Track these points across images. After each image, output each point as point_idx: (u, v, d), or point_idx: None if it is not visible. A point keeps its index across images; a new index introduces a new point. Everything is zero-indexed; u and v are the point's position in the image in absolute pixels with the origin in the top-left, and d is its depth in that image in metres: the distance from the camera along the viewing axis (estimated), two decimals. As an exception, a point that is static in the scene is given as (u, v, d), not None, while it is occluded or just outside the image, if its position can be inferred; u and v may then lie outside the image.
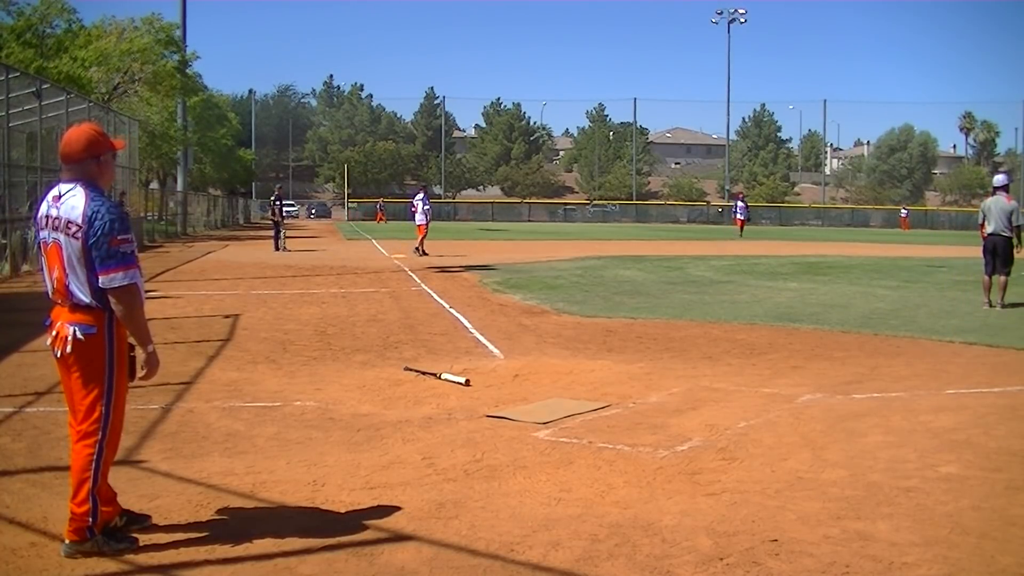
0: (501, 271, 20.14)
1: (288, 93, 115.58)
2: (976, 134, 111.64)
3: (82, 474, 4.04)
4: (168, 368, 8.60)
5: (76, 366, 4.07)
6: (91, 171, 4.14)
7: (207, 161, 52.53)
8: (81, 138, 4.16)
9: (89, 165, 4.13)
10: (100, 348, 4.07)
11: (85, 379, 4.07)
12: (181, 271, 20.71)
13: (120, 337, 4.14)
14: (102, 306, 4.06)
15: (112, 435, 4.12)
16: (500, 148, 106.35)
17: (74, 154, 4.12)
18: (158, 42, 33.54)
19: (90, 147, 4.14)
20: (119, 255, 4.03)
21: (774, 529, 4.44)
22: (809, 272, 20.78)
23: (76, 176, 4.13)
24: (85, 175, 4.12)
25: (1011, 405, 7.13)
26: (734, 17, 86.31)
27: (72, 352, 4.05)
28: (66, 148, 4.15)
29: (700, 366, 8.90)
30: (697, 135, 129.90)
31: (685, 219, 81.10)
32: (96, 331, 4.06)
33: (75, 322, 4.06)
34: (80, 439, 4.07)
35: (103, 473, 4.10)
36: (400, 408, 7.11)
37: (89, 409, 4.07)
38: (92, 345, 4.06)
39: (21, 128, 20.74)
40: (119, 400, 4.15)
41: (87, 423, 4.07)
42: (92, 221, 4.01)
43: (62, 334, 4.06)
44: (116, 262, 4.03)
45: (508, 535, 4.37)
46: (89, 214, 4.02)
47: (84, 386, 4.07)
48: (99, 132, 4.25)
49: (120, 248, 4.04)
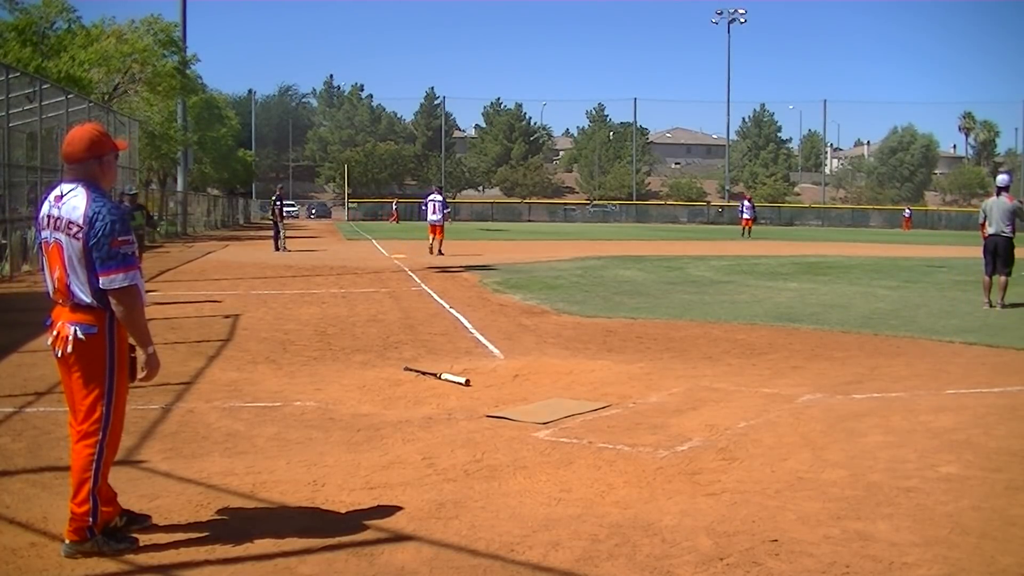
0: (501, 271, 20.14)
1: (288, 93, 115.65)
2: (976, 134, 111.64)
3: (82, 474, 4.04)
4: (168, 368, 8.59)
5: (77, 366, 4.07)
6: (93, 171, 4.14)
7: (207, 161, 52.50)
8: (84, 138, 4.16)
9: (91, 165, 4.14)
10: (101, 348, 4.08)
11: (86, 379, 4.07)
12: (181, 271, 20.72)
13: (121, 337, 4.14)
14: (103, 306, 4.06)
15: (112, 435, 4.13)
16: (500, 148, 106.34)
17: (76, 154, 4.12)
18: (158, 43, 33.55)
19: (92, 147, 4.14)
20: (120, 256, 4.04)
21: (774, 529, 4.44)
22: (809, 272, 20.78)
23: (78, 176, 4.13)
24: (87, 175, 4.13)
25: (1011, 405, 7.13)
26: (734, 17, 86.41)
27: (73, 352, 4.05)
28: (68, 148, 4.15)
29: (700, 366, 8.90)
30: (697, 135, 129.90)
31: (685, 219, 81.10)
32: (97, 331, 4.06)
33: (76, 322, 4.06)
34: (80, 439, 4.07)
35: (103, 473, 4.10)
36: (400, 408, 7.12)
37: (90, 409, 4.07)
38: (93, 345, 4.06)
39: (21, 128, 20.73)
40: (119, 400, 4.15)
41: (87, 423, 4.07)
42: (93, 222, 4.02)
43: (63, 334, 4.07)
44: (117, 263, 4.03)
45: (508, 535, 4.37)
46: (90, 215, 4.02)
47: (85, 386, 4.07)
48: (102, 132, 4.25)
49: (121, 249, 4.04)
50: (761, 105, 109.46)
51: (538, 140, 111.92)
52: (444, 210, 26.24)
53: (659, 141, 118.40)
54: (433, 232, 25.89)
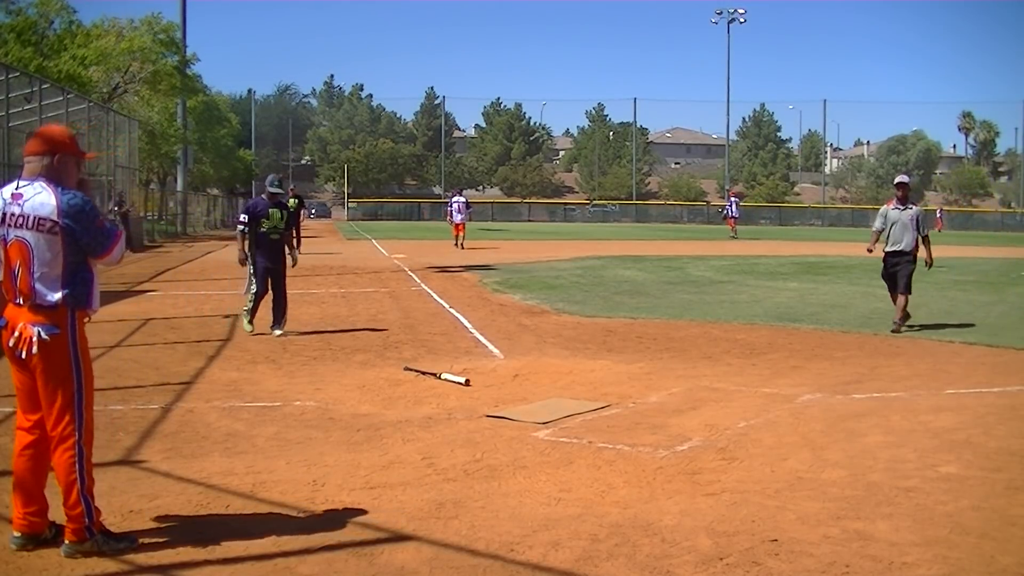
0: (501, 271, 20.14)
1: (288, 93, 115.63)
2: (976, 134, 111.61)
3: (68, 478, 4.03)
4: (168, 368, 8.63)
5: (41, 368, 4.03)
6: (51, 168, 4.07)
7: (207, 161, 52.52)
8: (49, 133, 4.18)
9: (49, 160, 4.07)
10: (64, 348, 4.04)
11: (53, 382, 4.03)
12: (181, 271, 20.71)
13: (82, 336, 4.12)
14: (66, 305, 4.04)
15: (87, 433, 4.10)
16: (500, 148, 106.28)
17: (37, 146, 4.10)
18: (158, 42, 33.55)
19: (54, 143, 4.11)
20: (108, 232, 4.13)
21: (774, 529, 4.44)
22: (809, 272, 20.78)
23: (36, 173, 4.07)
24: (46, 172, 4.06)
25: (1011, 405, 7.14)
26: (734, 17, 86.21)
27: (37, 353, 4.01)
28: (31, 141, 4.15)
29: (700, 366, 8.90)
30: (697, 135, 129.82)
31: (684, 219, 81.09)
32: (60, 331, 4.03)
33: (38, 323, 4.01)
34: (58, 444, 4.05)
35: (88, 471, 4.08)
36: (400, 408, 7.12)
37: (61, 412, 4.04)
38: (57, 346, 4.02)
39: (21, 128, 20.74)
40: (89, 398, 4.13)
41: (61, 426, 4.04)
42: (74, 213, 4.00)
43: (26, 335, 4.01)
44: (110, 240, 4.13)
45: (508, 535, 4.37)
46: (65, 207, 4.00)
47: (53, 389, 4.04)
48: (70, 135, 4.24)
49: (106, 225, 4.14)
50: (761, 105, 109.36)
51: (538, 140, 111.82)
52: (468, 210, 30.94)
53: (659, 141, 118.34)
54: (457, 230, 29.87)
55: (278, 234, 10.82)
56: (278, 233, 10.81)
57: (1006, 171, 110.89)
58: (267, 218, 10.70)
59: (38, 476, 4.15)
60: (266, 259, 10.71)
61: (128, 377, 8.13)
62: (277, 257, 10.87)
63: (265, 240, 10.71)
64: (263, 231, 10.70)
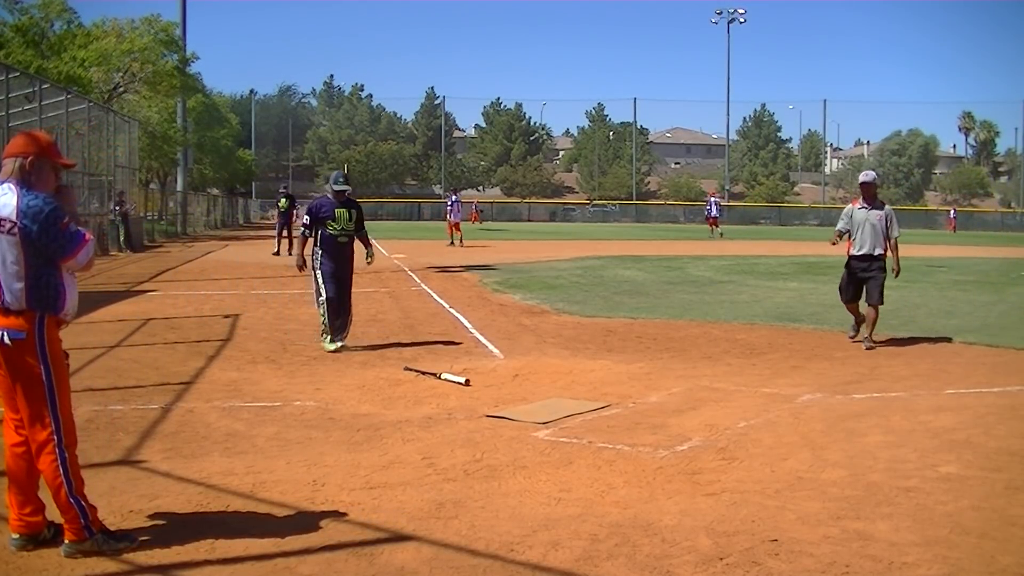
0: (501, 271, 20.13)
1: (288, 93, 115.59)
2: (976, 134, 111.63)
3: (55, 482, 4.03)
4: (168, 368, 8.63)
5: (8, 371, 4.01)
6: (24, 170, 4.05)
7: (207, 161, 52.51)
8: (25, 137, 4.17)
9: (22, 163, 4.05)
10: (32, 353, 4.00)
11: (23, 386, 4.01)
12: (181, 271, 20.71)
13: (52, 339, 4.07)
14: (32, 309, 4.00)
15: (68, 435, 4.08)
16: (500, 148, 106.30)
17: (11, 149, 4.10)
18: (158, 42, 33.55)
19: (29, 146, 4.10)
20: (72, 235, 4.04)
21: (774, 529, 4.45)
22: (809, 272, 20.77)
23: (8, 175, 4.06)
24: (19, 175, 4.04)
25: (1011, 405, 7.13)
26: (734, 17, 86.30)
27: (1, 357, 3.99)
28: (7, 145, 4.16)
29: (700, 366, 8.90)
30: (697, 135, 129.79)
31: (684, 219, 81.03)
32: (26, 336, 3.98)
33: (3, 326, 3.98)
34: (39, 450, 4.04)
35: (74, 472, 4.07)
36: (400, 408, 7.12)
37: (34, 417, 4.03)
38: (23, 350, 3.99)
39: (21, 128, 20.75)
40: (64, 399, 4.09)
41: (38, 432, 4.03)
42: (32, 214, 3.96)
43: None
44: (75, 243, 4.05)
45: (508, 535, 4.37)
46: (24, 208, 3.96)
47: (24, 394, 4.02)
48: (48, 140, 4.23)
49: (70, 228, 4.05)
50: (761, 105, 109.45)
51: (538, 140, 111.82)
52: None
53: (659, 141, 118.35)
54: (454, 228, 30.84)
55: (347, 236, 9.94)
56: (348, 236, 9.93)
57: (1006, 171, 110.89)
58: (334, 220, 9.81)
59: (31, 473, 4.15)
60: (334, 264, 9.83)
61: (128, 377, 8.13)
62: (347, 262, 10.02)
63: (332, 243, 9.81)
64: (331, 233, 9.80)
